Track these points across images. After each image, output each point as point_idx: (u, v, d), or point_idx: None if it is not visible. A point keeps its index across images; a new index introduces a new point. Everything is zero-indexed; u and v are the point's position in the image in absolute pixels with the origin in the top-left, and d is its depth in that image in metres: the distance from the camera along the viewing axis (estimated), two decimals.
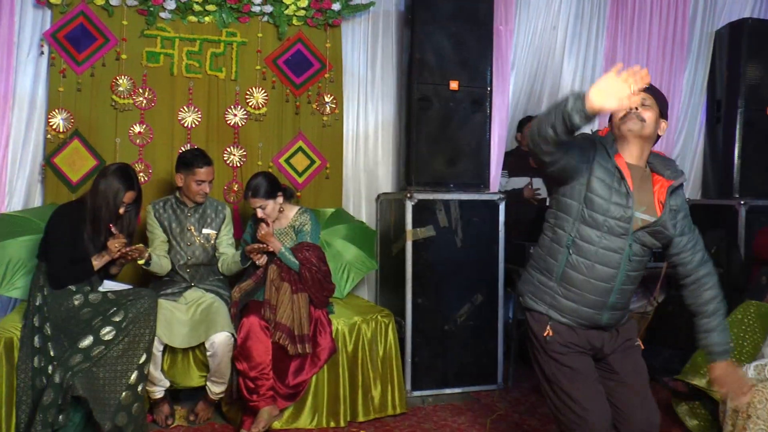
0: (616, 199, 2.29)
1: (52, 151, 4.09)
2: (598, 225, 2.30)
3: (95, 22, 4.16)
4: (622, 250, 2.32)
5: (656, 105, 2.35)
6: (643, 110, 2.31)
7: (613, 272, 2.33)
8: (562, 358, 2.39)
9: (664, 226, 2.32)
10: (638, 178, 2.33)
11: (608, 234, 2.30)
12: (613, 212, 2.29)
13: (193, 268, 3.78)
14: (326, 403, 3.61)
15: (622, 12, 5.26)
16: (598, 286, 2.34)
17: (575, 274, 2.35)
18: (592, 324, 2.40)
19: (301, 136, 4.56)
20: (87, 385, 3.01)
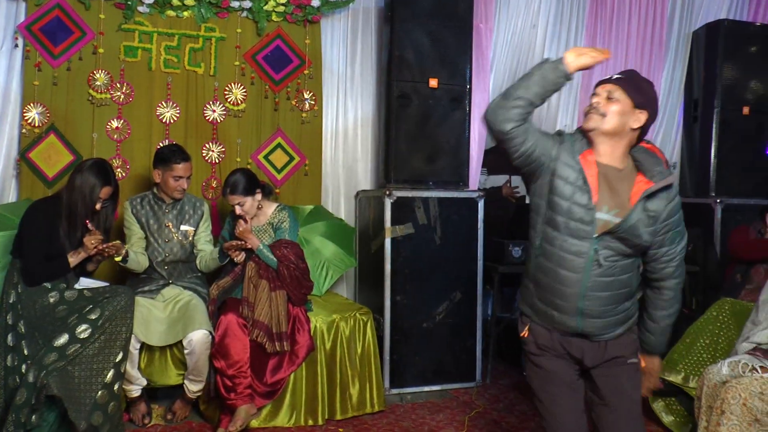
0: (579, 199, 2.16)
1: (28, 145, 4.04)
2: (560, 227, 2.18)
3: (72, 15, 4.11)
4: (585, 255, 2.16)
5: (627, 97, 2.17)
6: (606, 104, 2.18)
7: (576, 277, 2.18)
8: (536, 359, 2.35)
9: (632, 232, 2.14)
10: (612, 177, 2.19)
11: (569, 237, 2.17)
12: (574, 213, 2.16)
13: (171, 265, 3.75)
14: (304, 401, 3.60)
15: (601, 11, 5.29)
16: (562, 291, 2.22)
17: (543, 277, 2.26)
18: (569, 330, 2.26)
19: (280, 133, 4.54)
20: (62, 384, 2.97)
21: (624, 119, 2.17)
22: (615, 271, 2.19)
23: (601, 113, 2.17)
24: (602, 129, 2.17)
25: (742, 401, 2.87)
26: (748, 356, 3.13)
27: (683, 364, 3.63)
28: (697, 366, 3.59)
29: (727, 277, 4.46)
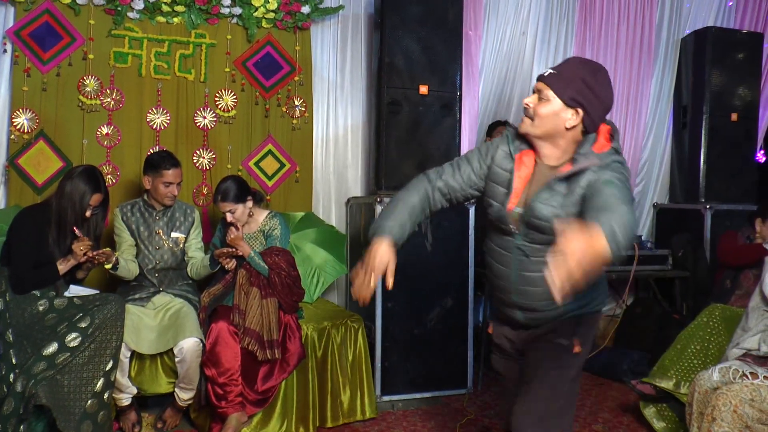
0: (501, 198, 2.17)
1: (16, 151, 4.02)
2: (492, 224, 2.23)
3: (61, 20, 4.09)
4: (510, 249, 2.18)
5: (557, 96, 2.04)
6: (537, 105, 2.07)
7: (506, 271, 2.21)
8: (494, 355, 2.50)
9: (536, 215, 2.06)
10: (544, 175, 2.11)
11: (499, 233, 2.21)
12: (496, 210, 2.18)
13: (162, 272, 3.73)
14: (295, 408, 3.59)
15: (590, 18, 5.33)
16: (498, 284, 2.27)
17: (489, 272, 2.32)
18: (514, 322, 2.30)
19: (271, 139, 4.53)
20: (51, 394, 2.94)
21: (555, 120, 2.05)
22: (539, 268, 2.05)
23: (530, 116, 2.09)
24: (532, 134, 2.11)
25: (732, 408, 2.88)
26: (738, 362, 3.15)
27: (674, 370, 3.65)
28: (688, 372, 3.61)
29: (717, 283, 4.49)
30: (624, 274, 4.80)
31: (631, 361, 4.65)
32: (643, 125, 5.54)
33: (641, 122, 5.52)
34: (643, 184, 5.65)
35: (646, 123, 5.57)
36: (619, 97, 5.44)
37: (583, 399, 4.25)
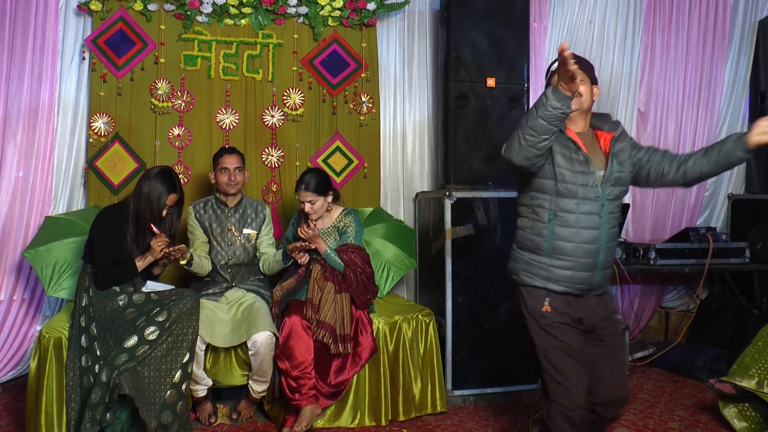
0: (579, 168, 2.53)
1: (94, 154, 4.17)
2: (572, 194, 2.53)
3: (134, 27, 4.22)
4: (599, 211, 2.54)
5: (586, 75, 2.57)
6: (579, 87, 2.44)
7: (596, 233, 2.55)
8: (556, 331, 2.59)
9: (621, 170, 2.59)
10: (588, 142, 2.60)
11: (583, 200, 2.53)
12: (580, 179, 2.52)
13: (234, 268, 3.81)
14: (367, 402, 3.61)
15: (659, 4, 5.19)
16: (587, 248, 2.55)
17: (564, 244, 2.55)
18: (587, 286, 2.60)
19: (339, 136, 4.57)
20: (133, 384, 3.05)
21: (589, 96, 2.60)
22: (617, 222, 2.64)
23: (579, 93, 2.49)
24: (583, 108, 2.58)
25: None
26: None
27: (756, 368, 3.50)
28: None
29: None
30: (698, 267, 4.66)
31: (708, 359, 4.49)
32: (717, 113, 5.35)
33: (715, 110, 5.33)
34: None
35: (720, 110, 5.38)
36: (691, 84, 5.28)
37: (658, 396, 4.14)
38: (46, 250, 3.72)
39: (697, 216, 5.39)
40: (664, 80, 5.25)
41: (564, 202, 2.54)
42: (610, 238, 2.59)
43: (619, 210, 2.65)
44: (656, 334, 5.35)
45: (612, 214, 2.59)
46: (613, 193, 2.59)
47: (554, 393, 2.60)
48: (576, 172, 2.53)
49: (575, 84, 2.28)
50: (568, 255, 2.56)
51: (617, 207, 2.63)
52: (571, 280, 2.58)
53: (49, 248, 3.73)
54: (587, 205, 2.53)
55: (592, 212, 2.54)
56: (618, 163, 2.60)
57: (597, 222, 2.55)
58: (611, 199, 2.58)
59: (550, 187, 2.56)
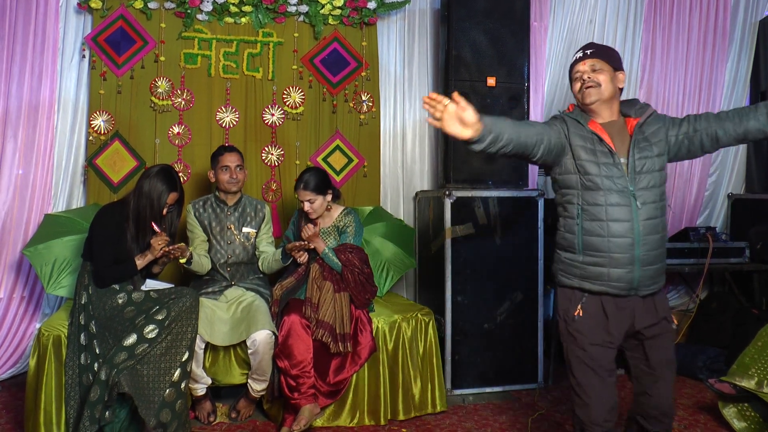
0: (603, 159, 2.47)
1: (94, 152, 4.16)
2: (598, 186, 2.46)
3: (134, 25, 4.22)
4: (629, 202, 2.44)
5: (606, 63, 2.52)
6: (594, 75, 2.50)
7: (627, 225, 2.43)
8: (581, 339, 2.51)
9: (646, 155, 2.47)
10: (616, 131, 2.52)
11: (610, 191, 2.44)
12: (605, 171, 2.45)
13: (234, 266, 3.81)
14: (366, 401, 3.61)
15: (660, 3, 5.18)
16: (618, 243, 2.44)
17: (594, 239, 2.47)
18: (627, 285, 2.46)
19: (339, 135, 4.57)
20: (132, 383, 3.05)
21: (613, 84, 2.52)
22: (656, 212, 2.47)
23: (596, 83, 2.49)
24: (603, 98, 2.50)
25: None
26: None
27: (756, 368, 3.49)
28: None
29: None
30: (697, 267, 4.65)
31: (707, 358, 4.49)
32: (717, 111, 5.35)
33: (715, 110, 5.31)
34: (717, 174, 5.46)
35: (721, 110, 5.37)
36: (691, 84, 5.28)
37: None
38: (46, 248, 3.72)
39: (697, 215, 5.40)
40: (664, 80, 5.25)
41: (590, 195, 2.47)
42: (647, 230, 2.44)
43: (660, 199, 2.50)
44: None
45: (648, 204, 2.45)
46: (644, 182, 2.46)
47: (575, 404, 2.57)
48: (600, 163, 2.46)
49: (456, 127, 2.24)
50: (599, 251, 2.46)
51: (656, 196, 2.48)
52: (607, 278, 2.47)
53: (49, 246, 3.72)
54: (615, 197, 2.44)
55: (620, 203, 2.43)
56: (640, 149, 2.47)
57: (627, 213, 2.43)
58: (644, 188, 2.45)
59: (575, 181, 2.50)
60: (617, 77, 2.54)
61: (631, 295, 2.48)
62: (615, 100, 2.55)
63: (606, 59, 2.52)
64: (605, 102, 2.52)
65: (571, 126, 2.53)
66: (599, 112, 2.54)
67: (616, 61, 2.55)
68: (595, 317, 2.50)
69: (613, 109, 2.56)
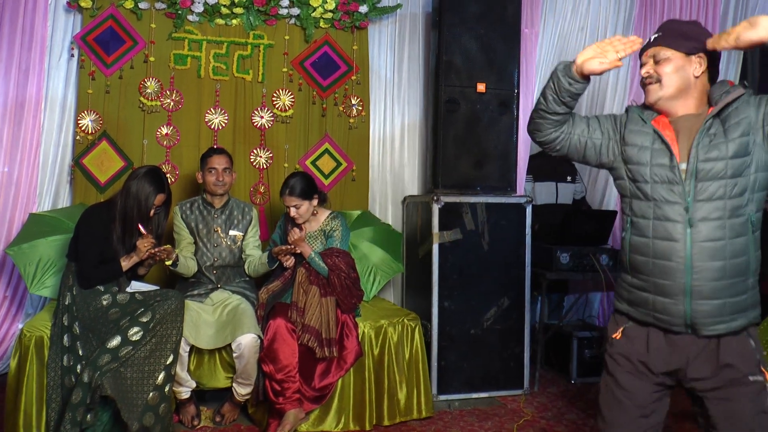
0: (659, 160, 2.05)
1: (81, 152, 4.13)
2: (646, 195, 2.06)
3: (124, 25, 4.20)
4: (681, 216, 1.99)
5: (675, 51, 2.05)
6: (657, 68, 2.07)
7: (675, 246, 1.99)
8: (612, 364, 2.16)
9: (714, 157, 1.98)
10: (689, 127, 2.05)
11: (661, 202, 2.03)
12: (659, 175, 2.04)
13: (220, 269, 3.79)
14: (352, 406, 3.59)
15: (650, 13, 5.21)
16: (663, 266, 2.01)
17: (639, 258, 2.08)
18: (672, 319, 2.02)
19: (328, 138, 4.56)
20: (115, 385, 3.02)
21: (683, 74, 2.05)
22: (724, 232, 1.97)
23: (656, 80, 2.08)
24: (665, 96, 2.07)
25: None
26: None
27: None
28: None
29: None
30: None
31: None
32: None
33: None
34: None
35: None
36: None
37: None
38: (30, 248, 3.69)
39: None
40: None
41: (639, 206, 2.09)
42: (705, 254, 1.96)
43: (733, 215, 1.98)
44: None
45: (709, 222, 1.97)
46: (708, 191, 1.97)
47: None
48: (654, 165, 2.05)
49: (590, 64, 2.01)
50: (644, 273, 2.07)
51: (726, 211, 1.97)
52: (651, 307, 2.06)
53: (33, 245, 3.69)
54: (666, 209, 2.01)
55: (669, 218, 2.01)
56: (708, 148, 1.98)
57: (679, 231, 1.99)
58: (706, 200, 1.97)
59: (626, 187, 2.14)
60: (691, 63, 2.05)
61: (686, 332, 2.03)
62: (692, 90, 2.06)
63: (675, 44, 2.06)
64: (673, 99, 2.07)
65: (630, 122, 2.16)
66: (669, 109, 2.09)
67: (690, 41, 2.04)
68: (636, 344, 2.12)
69: (691, 101, 2.07)
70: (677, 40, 2.06)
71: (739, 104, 2.00)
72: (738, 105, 2.00)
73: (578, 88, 2.08)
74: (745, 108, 1.99)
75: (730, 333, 2.00)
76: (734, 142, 1.97)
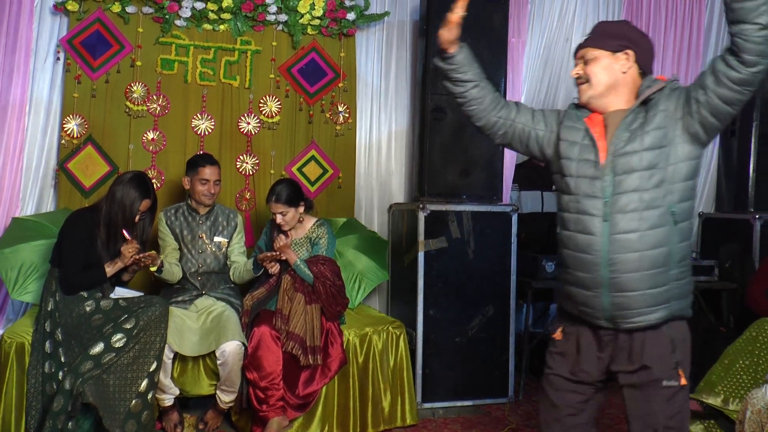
0: (584, 155, 2.10)
1: (66, 156, 4.10)
2: (570, 189, 2.11)
3: (111, 28, 4.17)
4: (598, 210, 2.03)
5: (601, 50, 2.12)
6: (586, 69, 2.14)
7: (593, 239, 2.03)
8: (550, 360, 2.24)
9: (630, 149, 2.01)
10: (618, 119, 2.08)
11: (583, 196, 2.07)
12: (583, 170, 2.08)
13: (205, 275, 3.77)
14: (336, 414, 3.59)
15: (636, 23, 5.24)
16: (581, 259, 2.06)
17: (565, 251, 2.14)
18: (593, 311, 2.07)
19: (314, 145, 4.55)
20: (97, 393, 3.00)
21: (610, 71, 2.11)
22: (640, 224, 1.99)
23: (586, 80, 2.14)
24: (595, 95, 2.13)
25: None
26: None
27: (722, 386, 3.52)
28: (737, 388, 3.49)
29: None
30: None
31: None
32: None
33: None
34: None
35: None
36: None
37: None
38: (12, 252, 3.65)
39: None
40: None
41: (564, 200, 2.14)
42: (620, 246, 1.98)
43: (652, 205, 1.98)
44: None
45: (627, 213, 1.99)
46: (623, 184, 2.00)
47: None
48: (580, 161, 2.09)
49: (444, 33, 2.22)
50: (570, 267, 2.12)
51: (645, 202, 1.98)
52: (576, 300, 2.12)
53: (16, 250, 3.66)
54: (585, 203, 2.05)
55: (588, 212, 2.04)
56: (624, 142, 2.02)
57: (596, 225, 2.02)
58: (624, 192, 2.00)
59: (558, 181, 2.19)
60: (618, 60, 2.10)
61: (609, 326, 2.08)
62: (621, 86, 2.11)
63: (601, 44, 2.12)
64: (603, 96, 2.12)
65: (566, 118, 2.21)
66: (600, 106, 2.13)
67: (615, 39, 2.10)
68: (571, 345, 2.19)
69: (621, 97, 2.11)
70: (603, 39, 2.13)
71: (660, 96, 2.04)
72: (659, 97, 2.04)
73: (455, 62, 2.29)
74: (665, 100, 2.03)
75: (650, 327, 2.04)
76: (649, 135, 2.00)
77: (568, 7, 5.10)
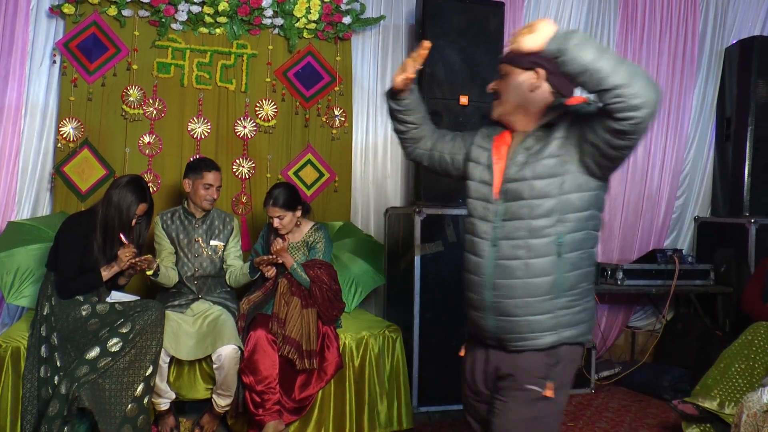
0: (484, 177, 2.08)
1: (62, 159, 4.10)
2: (469, 210, 2.11)
3: (107, 32, 4.18)
4: (487, 234, 2.02)
5: (513, 66, 2.05)
6: (499, 84, 2.10)
7: (481, 262, 2.02)
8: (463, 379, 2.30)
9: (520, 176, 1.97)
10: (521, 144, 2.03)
11: (476, 218, 2.07)
12: (479, 192, 2.08)
13: (201, 279, 3.77)
14: (332, 418, 3.58)
15: (631, 29, 5.27)
16: (472, 280, 2.06)
17: (463, 272, 2.14)
18: (482, 331, 2.09)
19: (310, 149, 4.56)
20: (93, 397, 2.99)
21: (519, 89, 2.04)
22: (523, 252, 1.96)
23: (496, 97, 2.12)
24: (504, 112, 2.09)
25: None
26: None
27: (718, 389, 3.54)
28: (732, 392, 3.51)
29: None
30: (664, 288, 4.73)
31: (672, 378, 4.55)
32: (684, 137, 5.44)
33: (683, 134, 5.42)
34: (684, 197, 5.55)
35: (688, 135, 5.47)
36: (660, 109, 5.36)
37: (623, 415, 4.17)
38: (8, 256, 3.64)
39: (665, 237, 5.47)
40: None
41: (467, 221, 2.14)
42: (500, 272, 1.98)
43: (533, 235, 1.95)
44: (623, 353, 5.40)
45: (508, 241, 1.97)
46: (513, 211, 1.98)
47: None
48: (479, 182, 2.09)
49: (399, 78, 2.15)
50: (465, 287, 2.13)
51: (525, 231, 1.95)
52: (472, 320, 2.14)
53: (11, 254, 3.65)
54: (478, 225, 2.05)
55: (479, 235, 2.04)
56: (517, 168, 1.98)
57: (484, 248, 2.01)
58: (508, 219, 1.98)
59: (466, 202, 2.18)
60: (529, 78, 2.03)
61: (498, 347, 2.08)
62: (530, 105, 2.05)
63: (514, 61, 2.05)
64: (512, 114, 2.08)
65: (479, 137, 2.19)
66: (510, 125, 2.10)
67: (528, 55, 1.92)
68: (469, 362, 2.24)
69: (530, 117, 2.06)
70: (519, 56, 2.01)
71: (562, 122, 1.97)
72: (561, 123, 1.97)
73: (403, 105, 2.25)
74: (566, 127, 1.96)
75: (533, 351, 2.01)
76: (543, 162, 1.95)
77: (564, 13, 5.13)
